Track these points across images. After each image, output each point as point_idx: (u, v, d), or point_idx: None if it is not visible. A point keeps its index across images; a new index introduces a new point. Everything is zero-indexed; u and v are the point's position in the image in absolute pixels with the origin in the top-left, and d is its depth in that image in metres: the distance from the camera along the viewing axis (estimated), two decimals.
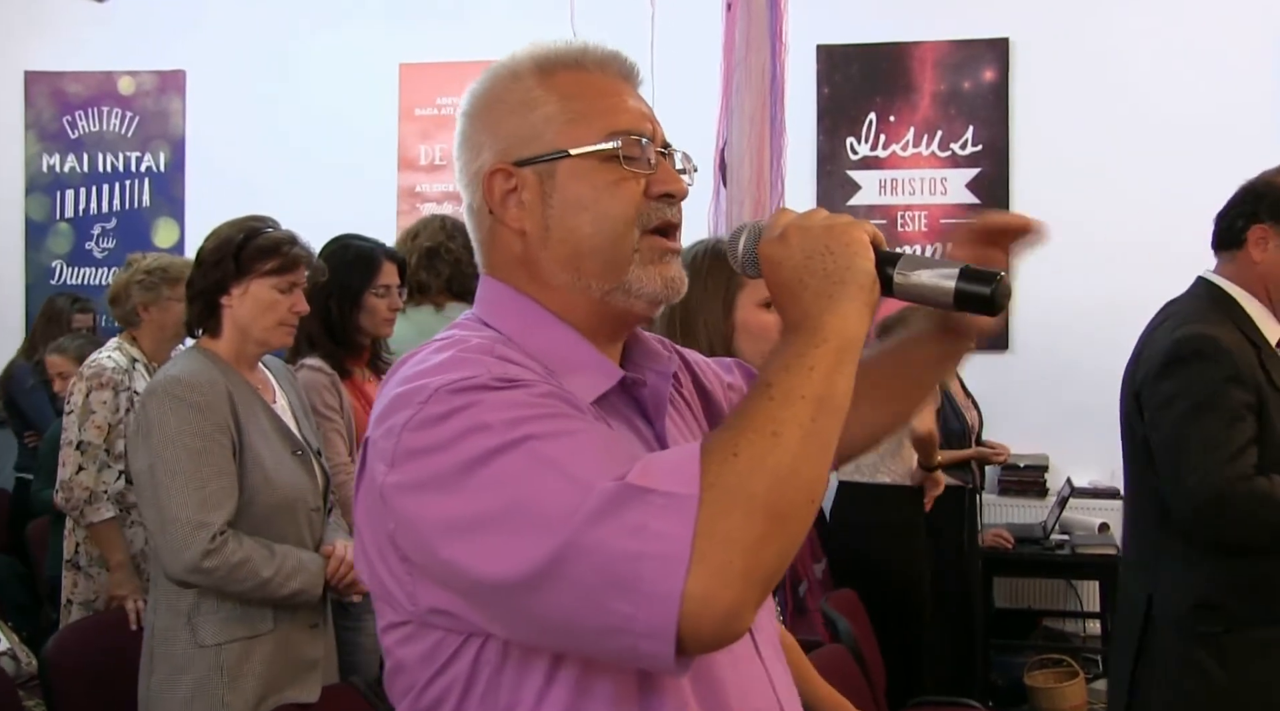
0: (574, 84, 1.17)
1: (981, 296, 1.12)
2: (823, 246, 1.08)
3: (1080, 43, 5.66)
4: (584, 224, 1.13)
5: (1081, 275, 5.50)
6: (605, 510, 0.92)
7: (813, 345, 1.02)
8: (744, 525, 0.93)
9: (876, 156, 5.89)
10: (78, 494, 3.38)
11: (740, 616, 0.94)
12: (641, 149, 1.15)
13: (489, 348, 1.08)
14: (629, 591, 0.91)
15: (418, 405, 1.01)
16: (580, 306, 1.15)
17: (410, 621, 1.07)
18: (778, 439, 0.96)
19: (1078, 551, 4.92)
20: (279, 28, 6.43)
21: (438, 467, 0.98)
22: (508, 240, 1.17)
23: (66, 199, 6.75)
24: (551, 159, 1.14)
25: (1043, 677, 4.59)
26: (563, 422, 1.00)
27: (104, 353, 3.62)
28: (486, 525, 0.96)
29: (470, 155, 1.19)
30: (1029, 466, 5.49)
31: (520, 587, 0.94)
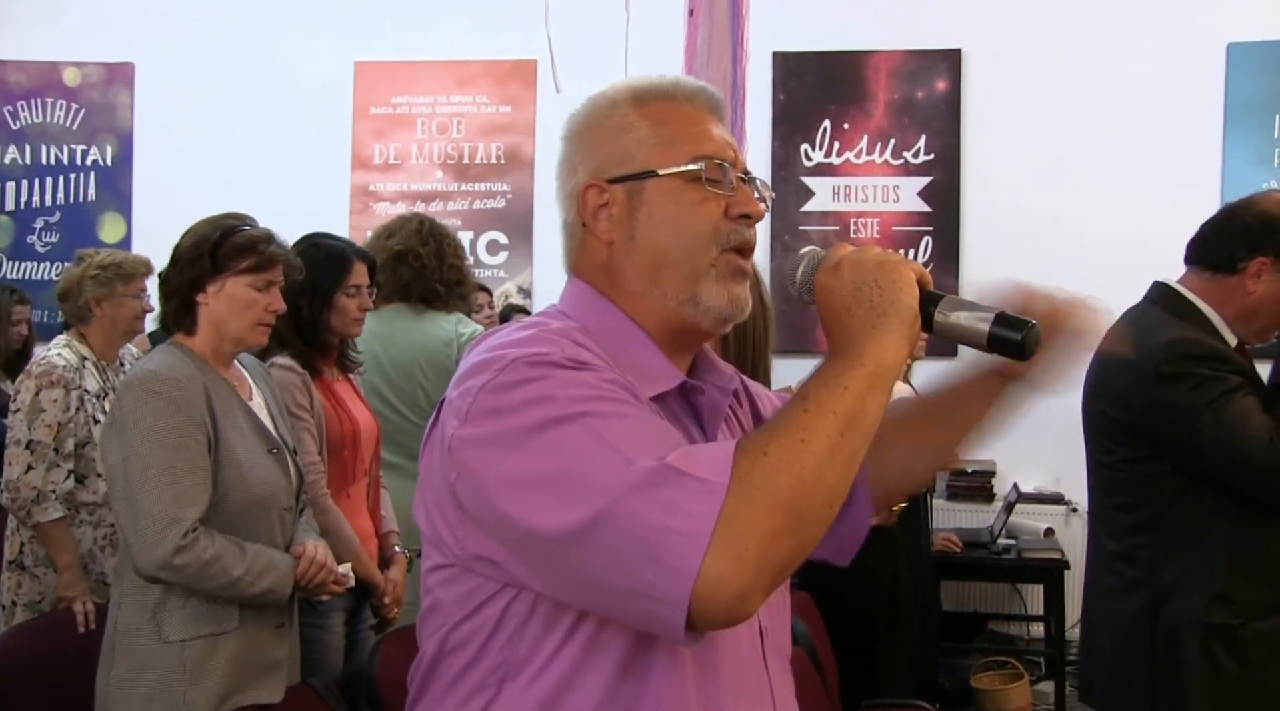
0: (665, 112, 1.28)
1: (1013, 341, 1.19)
2: (872, 280, 1.16)
3: (1031, 54, 5.76)
4: (666, 237, 1.24)
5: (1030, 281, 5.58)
6: (644, 483, 1.02)
7: (851, 367, 1.11)
8: (764, 518, 1.01)
9: (830, 163, 5.95)
10: (25, 493, 3.32)
11: (748, 600, 1.02)
12: (723, 173, 1.25)
13: (567, 332, 1.19)
14: (654, 560, 1.00)
15: (495, 371, 1.12)
16: (654, 314, 1.25)
17: (455, 564, 1.17)
18: (805, 445, 1.05)
19: (1023, 555, 4.99)
20: (232, 22, 6.37)
21: (505, 427, 1.09)
22: (595, 249, 1.27)
23: (8, 191, 6.64)
24: (641, 177, 1.24)
25: (989, 680, 4.66)
26: (620, 406, 1.10)
27: (53, 350, 3.54)
28: (540, 483, 1.06)
29: (567, 174, 1.30)
30: (976, 471, 5.57)
31: (562, 542, 1.05)
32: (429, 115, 6.36)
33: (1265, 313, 2.38)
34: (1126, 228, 5.37)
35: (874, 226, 5.91)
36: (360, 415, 3.13)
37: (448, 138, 6.36)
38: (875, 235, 5.89)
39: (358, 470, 3.11)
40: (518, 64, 6.15)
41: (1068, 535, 5.20)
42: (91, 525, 3.44)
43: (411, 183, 6.36)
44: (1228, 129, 5.64)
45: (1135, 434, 2.37)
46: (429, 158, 6.38)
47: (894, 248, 5.83)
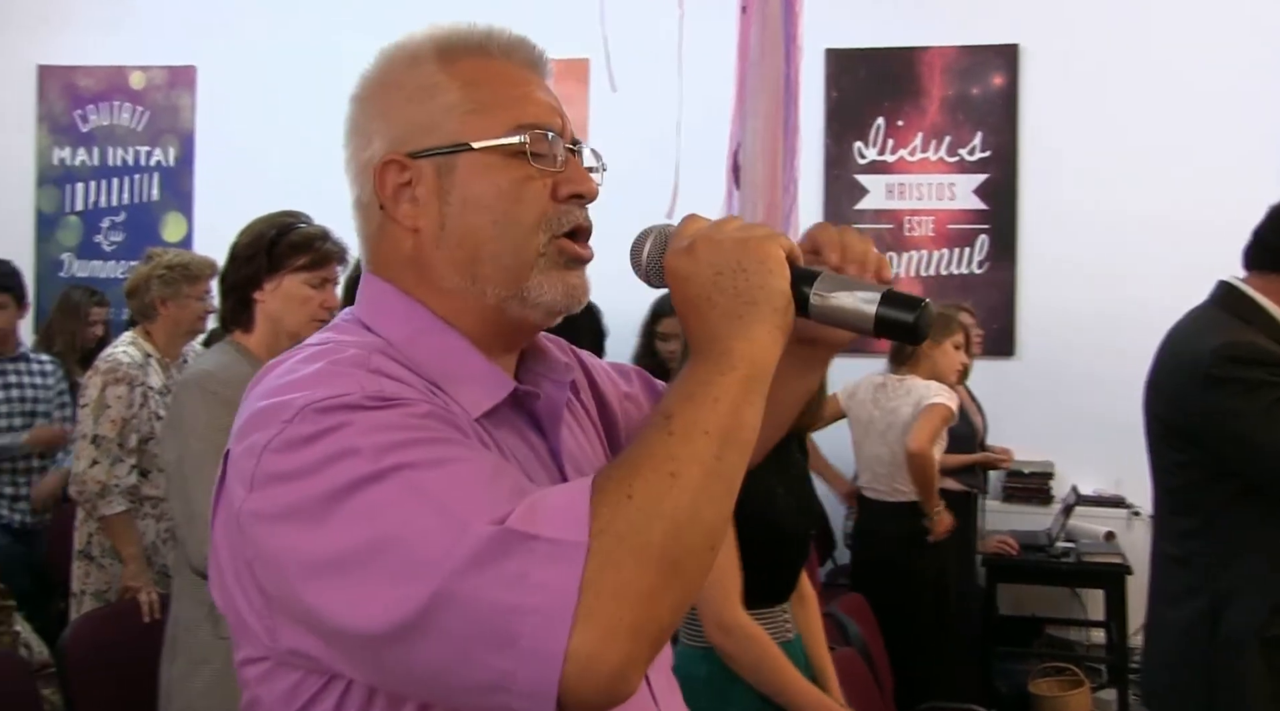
0: (478, 71, 1.08)
1: (904, 324, 1.02)
2: (734, 262, 0.98)
3: (1089, 49, 5.67)
4: (485, 225, 1.04)
5: (1088, 282, 5.52)
6: (483, 557, 0.84)
7: (719, 372, 0.94)
8: (636, 577, 0.84)
9: (884, 161, 5.90)
10: (90, 487, 3.40)
11: (628, 676, 0.86)
12: (549, 144, 1.06)
13: (363, 359, 0.98)
14: (507, 647, 0.83)
15: (281, 424, 0.91)
16: (472, 313, 1.06)
17: (268, 658, 0.97)
18: (676, 479, 0.88)
19: (1083, 559, 4.91)
20: (291, 24, 6.45)
21: (301, 496, 0.89)
22: (398, 238, 1.07)
23: (76, 192, 6.77)
24: (451, 152, 1.05)
25: (1047, 686, 4.59)
26: (442, 448, 0.91)
27: (119, 347, 3.63)
28: (351, 566, 0.86)
29: (360, 143, 1.10)
30: (1034, 473, 5.49)
31: (387, 639, 0.86)
32: None
33: None
34: (1191, 225, 5.28)
35: (929, 224, 5.85)
36: None
37: None
38: (930, 233, 5.83)
39: None
40: (571, 63, 6.16)
41: (1129, 539, 5.11)
42: (154, 518, 3.52)
43: None
44: None
45: (1187, 438, 2.32)
46: None
47: (950, 246, 5.81)
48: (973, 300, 5.28)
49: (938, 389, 4.11)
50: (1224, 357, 2.25)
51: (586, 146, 1.12)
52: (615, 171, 3.23)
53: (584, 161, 1.11)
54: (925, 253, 5.82)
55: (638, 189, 4.07)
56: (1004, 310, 5.70)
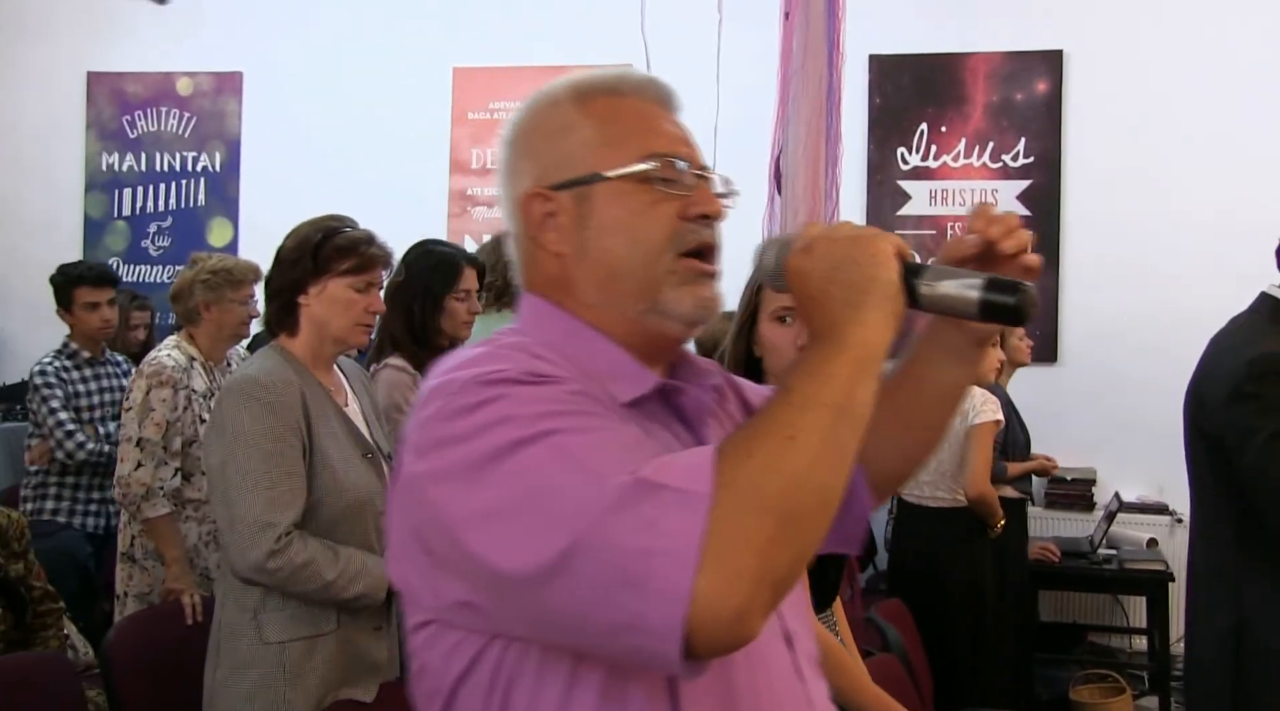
0: (610, 109, 1.17)
1: (1007, 306, 1.10)
2: (848, 257, 1.08)
3: (1134, 55, 5.61)
4: (618, 246, 1.14)
5: (1131, 288, 5.45)
6: (618, 504, 0.92)
7: (835, 353, 1.03)
8: (756, 526, 0.91)
9: (927, 167, 5.86)
10: (135, 489, 3.42)
11: (749, 620, 0.92)
12: (677, 171, 1.14)
13: (524, 345, 1.10)
14: (638, 587, 0.90)
15: (447, 396, 1.02)
16: (617, 325, 1.15)
17: (434, 620, 1.06)
18: (793, 443, 0.95)
19: (1125, 566, 4.86)
20: (334, 30, 6.50)
21: (462, 457, 0.98)
22: (544, 262, 1.17)
23: (124, 197, 6.85)
24: (587, 182, 1.14)
25: (1089, 693, 4.54)
26: (587, 419, 1.00)
27: (163, 351, 3.65)
28: (505, 516, 0.95)
29: (511, 182, 1.20)
30: (1076, 479, 5.44)
31: (534, 580, 0.94)
32: None
33: None
34: (1234, 231, 5.20)
35: None
36: None
37: None
38: None
39: None
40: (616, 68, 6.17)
41: (1172, 547, 5.04)
42: (196, 521, 3.54)
43: None
44: None
45: (1217, 448, 2.27)
46: None
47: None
48: None
49: (981, 399, 4.04)
50: (1255, 372, 2.21)
51: (716, 173, 1.20)
52: None
53: (713, 187, 1.19)
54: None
55: None
56: (1047, 316, 5.63)
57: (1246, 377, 2.20)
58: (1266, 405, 2.17)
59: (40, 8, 6.82)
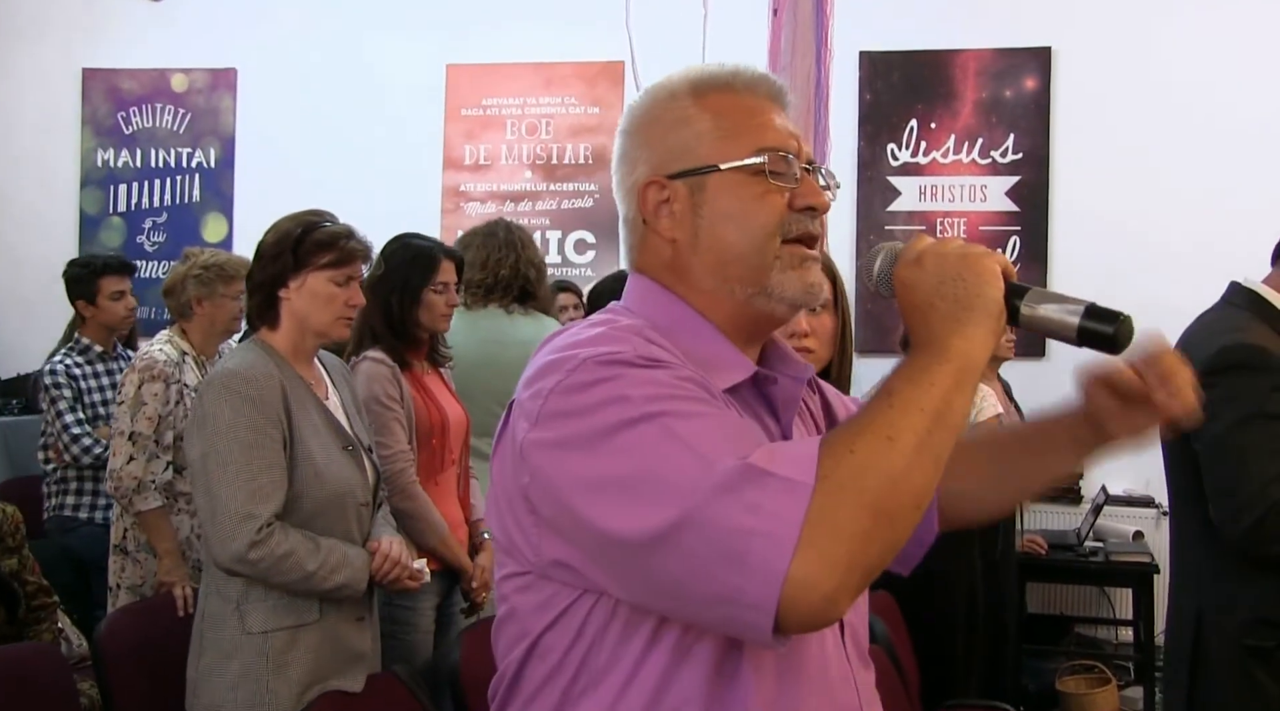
0: (725, 103, 1.22)
1: (1104, 335, 1.13)
2: (956, 273, 1.12)
3: (1122, 52, 5.61)
4: (730, 232, 1.19)
5: (1119, 283, 5.44)
6: (726, 485, 0.97)
7: (937, 363, 1.07)
8: (852, 518, 0.97)
9: (917, 163, 5.86)
10: (126, 483, 3.41)
11: (837, 603, 0.97)
12: (787, 164, 1.20)
13: (638, 329, 1.15)
14: (739, 564, 0.96)
15: (566, 371, 1.07)
16: (724, 308, 1.21)
17: (530, 572, 1.13)
18: (893, 443, 1.00)
19: (1112, 558, 4.87)
20: (329, 28, 6.48)
21: (578, 429, 1.05)
22: (658, 246, 1.23)
23: (119, 193, 6.83)
24: (703, 172, 1.20)
25: (1075, 683, 4.54)
26: (696, 404, 1.05)
27: (155, 345, 3.64)
28: (618, 486, 1.01)
29: (627, 169, 1.25)
30: None
31: (641, 547, 1.00)
32: (518, 117, 6.41)
33: None
34: (1219, 228, 5.21)
35: (960, 226, 5.80)
36: (449, 407, 3.18)
37: (536, 138, 6.40)
38: (962, 234, 5.78)
39: (446, 459, 3.16)
40: (605, 65, 6.16)
41: (1158, 539, 5.04)
42: (189, 514, 3.53)
43: (501, 183, 6.41)
44: None
45: (1186, 439, 2.25)
46: (518, 158, 6.42)
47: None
48: None
49: (981, 394, 4.01)
50: (1220, 362, 2.21)
51: (822, 167, 1.25)
52: None
53: (820, 180, 1.24)
54: None
55: None
56: None
57: (1214, 368, 2.19)
58: (1231, 394, 2.17)
59: (35, 5, 6.80)
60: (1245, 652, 2.20)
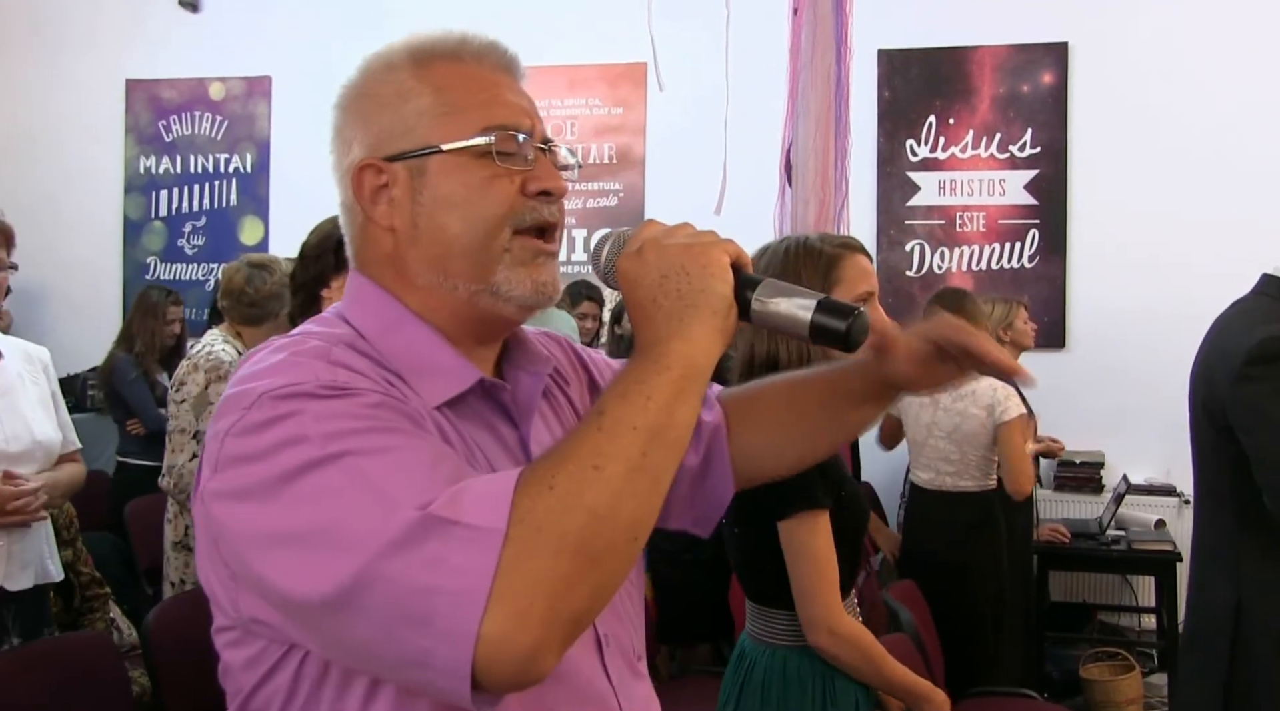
0: (449, 76, 1.08)
1: (836, 331, 1.03)
2: (679, 266, 0.99)
3: (1138, 47, 5.57)
4: (453, 222, 1.04)
5: (1136, 275, 5.42)
6: (405, 540, 0.85)
7: (655, 371, 0.94)
8: (550, 565, 0.85)
9: (936, 158, 5.83)
10: (188, 479, 3.42)
11: (539, 660, 0.85)
12: (518, 145, 1.06)
13: (324, 351, 0.99)
14: (424, 626, 0.84)
15: (241, 410, 0.94)
16: (445, 307, 1.07)
17: (235, 627, 1.01)
18: (599, 473, 0.88)
19: (1134, 547, 4.83)
20: (358, 35, 6.48)
21: (255, 477, 0.91)
22: (377, 237, 1.08)
23: (161, 199, 6.90)
24: (423, 154, 1.05)
25: (1098, 670, 4.52)
26: (386, 437, 0.92)
27: (216, 345, 3.60)
28: (295, 541, 0.89)
29: (342, 149, 1.10)
30: (1085, 462, 5.41)
31: (322, 609, 0.88)
32: (544, 117, 6.36)
33: None
34: (1237, 220, 5.16)
35: (980, 220, 5.78)
36: None
37: (562, 138, 6.37)
38: (981, 229, 5.76)
39: None
40: (629, 67, 6.17)
41: (1180, 527, 5.00)
42: None
43: None
44: None
45: (1223, 430, 2.22)
46: None
47: (1001, 241, 5.73)
48: (1024, 294, 5.20)
49: (1004, 393, 3.98)
50: (1263, 353, 2.16)
51: (560, 147, 1.12)
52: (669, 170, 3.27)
53: (559, 160, 1.10)
54: (977, 247, 5.75)
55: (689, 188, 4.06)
56: (1055, 303, 5.61)
57: (1257, 358, 2.14)
58: (1276, 386, 2.12)
59: (82, 19, 6.88)
60: None
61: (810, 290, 1.07)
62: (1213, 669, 2.27)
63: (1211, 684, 2.27)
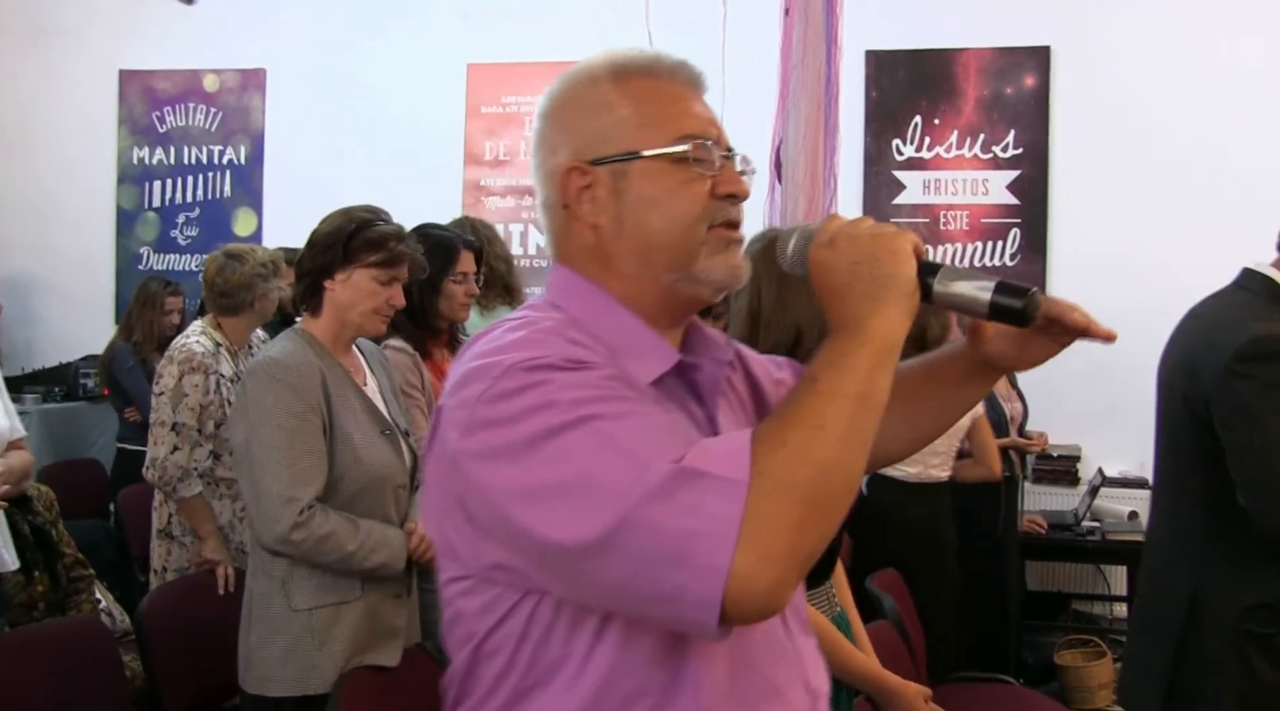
0: (646, 90, 1.18)
1: (1014, 309, 1.13)
2: (869, 254, 1.09)
3: (1119, 51, 5.59)
4: (654, 219, 1.14)
5: (1115, 275, 5.43)
6: (662, 489, 0.94)
7: (857, 345, 1.04)
8: (788, 510, 0.95)
9: (921, 158, 5.84)
10: (171, 472, 3.40)
11: (780, 593, 0.95)
12: (708, 152, 1.15)
13: (560, 330, 1.10)
14: (680, 564, 0.93)
15: (492, 379, 1.02)
16: (648, 293, 1.16)
17: (471, 576, 1.09)
18: (822, 431, 0.98)
19: (1108, 537, 4.86)
20: (354, 29, 6.48)
21: (508, 438, 1.00)
22: (580, 233, 1.17)
23: (154, 189, 6.84)
24: (625, 159, 1.15)
25: (1072, 657, 4.56)
26: (624, 404, 1.02)
27: (191, 337, 3.61)
28: (553, 493, 0.98)
29: (546, 153, 1.19)
30: (1062, 456, 5.45)
31: (582, 553, 0.96)
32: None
33: None
34: (1214, 220, 5.19)
35: (964, 218, 5.79)
36: None
37: None
38: (965, 227, 5.77)
39: None
40: None
41: None
42: (230, 499, 3.53)
43: (520, 178, 6.40)
44: None
45: (1202, 422, 2.19)
46: None
47: (983, 240, 5.75)
48: None
49: None
50: (1255, 351, 2.14)
51: (738, 153, 1.21)
52: None
53: (737, 166, 1.20)
54: (960, 245, 5.77)
55: None
56: None
57: (1247, 355, 2.12)
58: (1267, 383, 2.09)
59: (75, 11, 6.81)
60: (1243, 637, 2.13)
61: (984, 274, 1.15)
62: (1162, 654, 2.25)
63: (1157, 669, 2.26)
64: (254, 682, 2.36)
